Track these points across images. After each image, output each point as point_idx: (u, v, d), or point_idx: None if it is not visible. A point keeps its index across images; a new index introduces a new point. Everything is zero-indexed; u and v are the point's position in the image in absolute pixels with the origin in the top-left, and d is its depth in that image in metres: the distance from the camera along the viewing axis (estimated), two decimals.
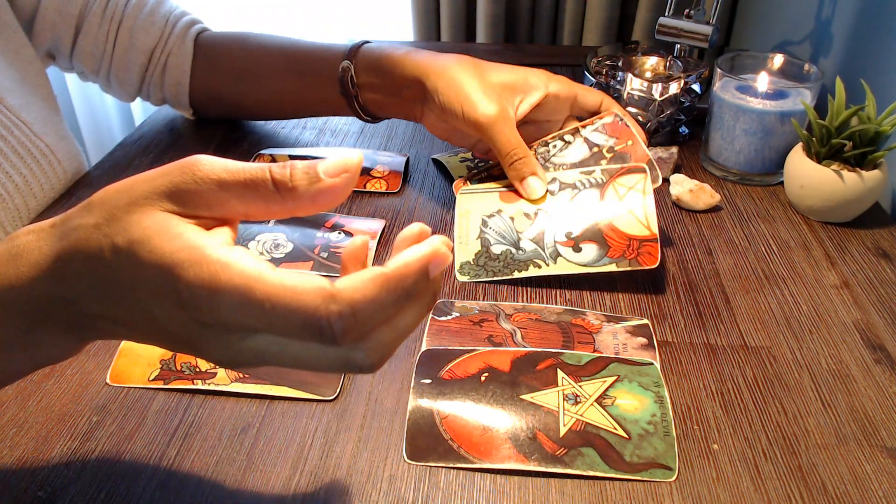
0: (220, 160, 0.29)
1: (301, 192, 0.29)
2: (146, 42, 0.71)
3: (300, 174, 0.29)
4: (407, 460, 0.41)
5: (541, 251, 0.55)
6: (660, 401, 0.44)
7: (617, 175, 0.57)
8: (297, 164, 0.29)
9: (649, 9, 1.14)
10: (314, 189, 0.29)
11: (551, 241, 0.55)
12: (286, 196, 0.29)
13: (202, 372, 0.46)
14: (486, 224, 0.58)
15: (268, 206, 0.29)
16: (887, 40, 0.69)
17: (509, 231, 0.57)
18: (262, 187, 0.29)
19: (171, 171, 0.29)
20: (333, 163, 0.29)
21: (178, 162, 0.29)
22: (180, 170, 0.29)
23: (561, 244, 0.55)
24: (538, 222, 0.57)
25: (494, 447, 0.41)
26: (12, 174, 0.61)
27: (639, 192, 0.55)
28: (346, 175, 0.29)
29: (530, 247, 0.55)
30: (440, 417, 0.43)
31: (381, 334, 0.28)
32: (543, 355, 0.47)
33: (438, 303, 0.52)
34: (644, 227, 0.54)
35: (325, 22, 1.50)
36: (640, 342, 0.49)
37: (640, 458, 0.41)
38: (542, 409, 0.43)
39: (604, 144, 0.59)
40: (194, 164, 0.29)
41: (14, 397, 0.45)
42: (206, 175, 0.28)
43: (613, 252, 0.54)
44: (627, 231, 0.54)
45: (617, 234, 0.54)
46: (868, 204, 0.61)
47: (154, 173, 0.29)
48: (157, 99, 0.76)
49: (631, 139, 0.59)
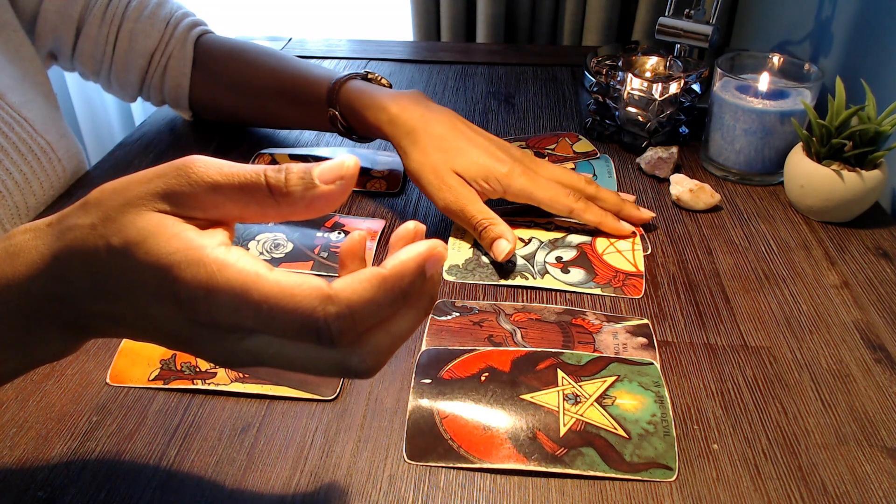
0: (215, 162, 0.29)
1: (296, 197, 0.28)
2: (146, 45, 0.71)
3: (295, 179, 0.28)
4: (407, 460, 0.41)
5: (530, 267, 0.56)
6: (660, 401, 0.44)
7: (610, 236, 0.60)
8: (293, 167, 0.29)
9: (649, 9, 1.14)
10: (309, 195, 0.28)
11: (541, 260, 0.57)
12: (281, 201, 0.29)
13: (202, 372, 0.46)
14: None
15: (263, 210, 0.29)
16: (887, 40, 0.69)
17: None
18: (256, 191, 0.28)
19: (167, 172, 0.29)
20: (329, 167, 0.29)
21: (173, 162, 0.29)
22: (175, 172, 0.29)
23: (550, 264, 0.56)
24: (530, 246, 0.58)
25: (494, 447, 0.41)
26: (12, 171, 0.61)
27: (629, 243, 0.59)
28: (341, 182, 0.29)
29: (520, 262, 0.57)
30: (440, 417, 0.43)
31: (378, 339, 0.28)
32: (543, 355, 0.47)
33: (438, 303, 0.52)
34: (631, 265, 0.57)
35: (326, 22, 1.50)
36: (640, 342, 0.49)
37: (640, 458, 0.41)
38: (542, 408, 0.43)
39: None
40: (189, 166, 0.28)
41: (14, 397, 0.45)
42: (201, 178, 0.28)
43: (600, 279, 0.55)
44: (615, 265, 0.57)
45: (605, 266, 0.56)
46: (868, 204, 0.61)
47: (149, 174, 0.29)
48: (157, 100, 0.76)
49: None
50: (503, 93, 0.88)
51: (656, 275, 0.56)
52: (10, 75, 0.64)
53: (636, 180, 0.70)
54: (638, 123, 0.72)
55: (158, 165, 0.29)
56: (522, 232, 0.60)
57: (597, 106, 0.77)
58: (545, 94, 0.87)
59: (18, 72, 0.65)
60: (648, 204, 0.66)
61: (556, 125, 0.80)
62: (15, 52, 0.65)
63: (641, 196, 0.67)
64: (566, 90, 0.88)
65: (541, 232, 0.60)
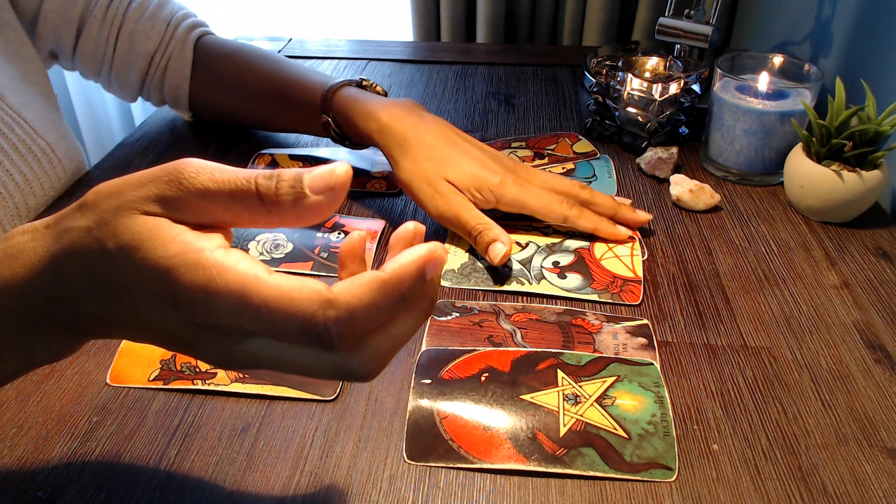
0: (207, 167, 0.28)
1: (286, 206, 0.28)
2: (147, 46, 0.71)
3: (286, 188, 0.28)
4: (407, 460, 0.41)
5: (526, 272, 0.56)
6: (660, 401, 0.44)
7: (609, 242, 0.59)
8: (285, 174, 0.28)
9: (649, 9, 1.14)
10: (300, 206, 0.28)
11: (538, 265, 0.56)
12: (272, 210, 0.28)
13: (202, 372, 0.46)
14: None
15: (254, 218, 0.29)
16: (887, 40, 0.69)
17: None
18: (247, 199, 0.28)
19: (159, 176, 0.28)
20: (320, 175, 0.28)
21: (166, 166, 0.29)
22: (167, 176, 0.28)
23: (547, 269, 0.56)
24: (527, 250, 0.58)
25: (494, 447, 0.41)
26: (12, 172, 0.61)
27: (627, 248, 0.58)
28: (331, 193, 0.28)
29: (516, 266, 0.56)
30: (440, 417, 0.43)
31: (378, 343, 0.28)
32: (543, 355, 0.47)
33: (438, 303, 0.52)
34: (630, 271, 0.56)
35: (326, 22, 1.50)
36: (640, 342, 0.49)
37: (640, 459, 0.41)
38: (542, 409, 0.43)
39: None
40: (181, 171, 0.28)
41: (14, 397, 0.45)
42: (192, 184, 0.28)
43: (597, 285, 0.54)
44: (613, 270, 0.56)
45: (603, 271, 0.56)
46: (868, 204, 0.61)
47: (143, 178, 0.29)
48: (157, 101, 0.76)
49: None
50: (503, 93, 0.88)
51: (656, 275, 0.56)
52: (10, 76, 0.64)
53: (636, 181, 0.70)
54: (638, 124, 0.72)
55: (153, 168, 0.29)
56: (520, 236, 0.59)
57: (597, 106, 0.77)
58: (545, 94, 0.87)
59: (18, 72, 0.65)
60: (648, 204, 0.66)
61: (556, 125, 0.80)
62: (15, 53, 0.65)
63: (641, 196, 0.67)
64: (566, 90, 0.88)
65: (538, 236, 0.60)
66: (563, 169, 0.70)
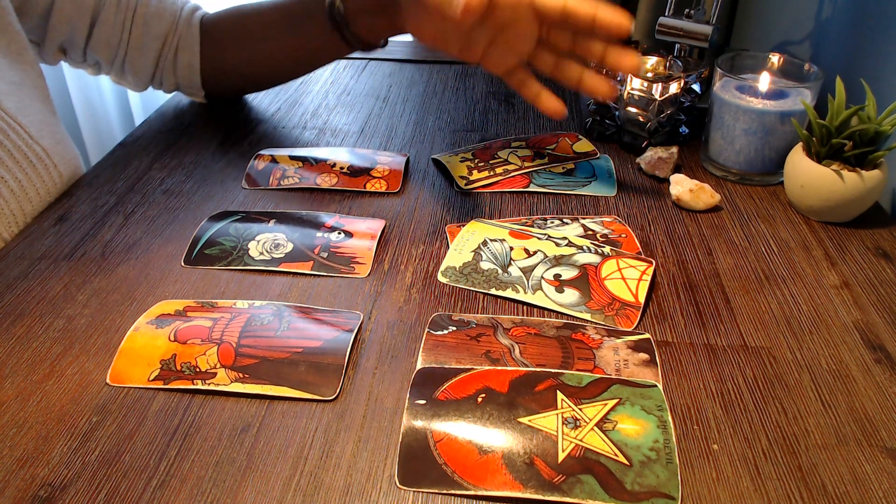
0: None
1: None
2: (160, 28, 0.74)
3: None
4: (399, 486, 0.40)
5: (525, 280, 0.55)
6: (662, 426, 0.43)
7: (625, 257, 0.57)
8: None
9: (649, 9, 1.13)
10: None
11: (538, 275, 0.55)
12: None
13: (202, 372, 0.46)
14: (486, 244, 0.59)
15: None
16: (887, 40, 0.69)
17: (503, 255, 0.57)
18: None
19: None
20: None
21: None
22: None
23: (546, 281, 0.55)
24: (533, 258, 0.57)
25: (490, 473, 0.40)
26: (7, 179, 0.61)
27: (638, 272, 0.55)
28: None
29: (516, 273, 0.56)
30: (434, 441, 0.42)
31: None
32: (543, 375, 0.46)
33: (434, 316, 0.52)
34: (631, 295, 0.54)
35: None
36: (641, 358, 0.48)
37: (642, 487, 0.39)
38: (541, 433, 0.42)
39: (598, 230, 0.61)
40: None
41: (14, 397, 0.45)
42: None
43: (593, 304, 0.53)
44: (614, 292, 0.54)
45: (603, 291, 0.54)
46: (868, 204, 0.61)
47: None
48: (169, 85, 0.78)
49: (625, 233, 0.61)
50: (503, 93, 0.88)
51: (656, 275, 0.56)
52: (8, 80, 0.64)
53: (636, 180, 0.70)
54: (638, 123, 0.72)
55: None
56: (531, 243, 0.59)
57: (597, 106, 0.77)
58: None
59: (16, 77, 0.65)
60: (648, 204, 0.66)
61: (556, 125, 0.80)
62: (14, 57, 0.65)
63: (641, 196, 0.67)
64: (566, 90, 0.88)
65: (549, 245, 0.58)
66: (563, 169, 0.70)
